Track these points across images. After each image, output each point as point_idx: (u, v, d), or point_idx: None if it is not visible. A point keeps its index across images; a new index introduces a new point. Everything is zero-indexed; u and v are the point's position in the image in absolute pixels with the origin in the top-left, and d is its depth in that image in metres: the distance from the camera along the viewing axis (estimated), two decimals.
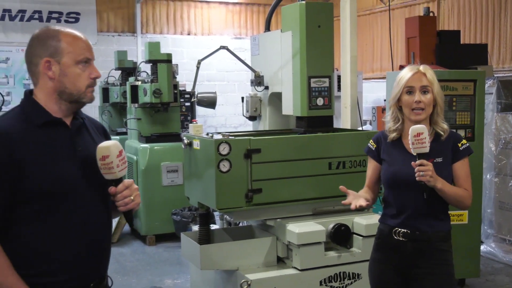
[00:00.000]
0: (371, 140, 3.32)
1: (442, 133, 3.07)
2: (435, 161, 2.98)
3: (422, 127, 2.90)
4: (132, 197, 2.38)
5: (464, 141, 3.10)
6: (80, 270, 2.33)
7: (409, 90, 3.05)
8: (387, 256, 3.13)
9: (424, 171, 2.85)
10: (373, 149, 3.27)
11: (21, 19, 11.29)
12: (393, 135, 3.15)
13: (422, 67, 3.10)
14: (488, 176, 6.80)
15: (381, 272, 3.17)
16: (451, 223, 3.20)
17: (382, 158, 3.21)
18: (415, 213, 3.04)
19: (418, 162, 2.88)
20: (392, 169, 3.12)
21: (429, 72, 3.09)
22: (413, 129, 2.90)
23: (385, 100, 8.04)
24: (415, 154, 2.92)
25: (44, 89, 2.32)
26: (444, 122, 3.12)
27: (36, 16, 11.37)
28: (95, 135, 2.49)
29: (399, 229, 3.06)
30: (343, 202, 3.16)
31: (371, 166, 3.30)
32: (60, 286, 2.28)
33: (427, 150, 2.89)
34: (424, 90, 3.03)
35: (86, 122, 2.48)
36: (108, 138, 2.56)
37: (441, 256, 3.03)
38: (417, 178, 2.88)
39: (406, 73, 3.09)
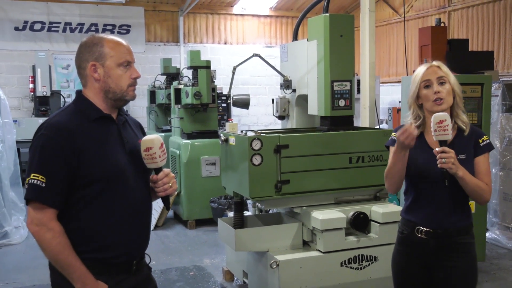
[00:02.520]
0: (393, 133, 2.94)
1: (463, 127, 2.79)
2: (458, 157, 2.69)
3: (444, 114, 2.63)
4: (170, 184, 2.41)
5: (485, 137, 2.82)
6: (127, 248, 2.35)
7: (426, 84, 2.78)
8: (411, 250, 2.89)
9: (446, 158, 2.59)
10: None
11: (80, 31, 11.46)
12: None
13: (435, 62, 2.85)
14: (493, 170, 6.69)
15: (405, 264, 2.94)
16: None
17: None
18: (437, 209, 2.79)
19: (440, 149, 2.61)
20: (414, 166, 2.81)
21: (443, 65, 2.83)
22: (436, 116, 2.62)
23: (400, 102, 7.95)
24: (436, 140, 2.65)
25: (92, 89, 2.35)
26: (465, 113, 2.83)
27: (93, 28, 11.54)
28: (136, 130, 2.54)
29: (422, 228, 2.82)
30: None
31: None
32: (110, 261, 2.31)
33: (449, 137, 2.63)
34: (441, 81, 2.77)
35: (128, 118, 2.52)
36: (144, 133, 2.59)
37: (464, 248, 2.81)
38: (438, 165, 2.61)
39: (421, 69, 2.84)
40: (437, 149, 2.64)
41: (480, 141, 2.80)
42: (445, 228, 2.79)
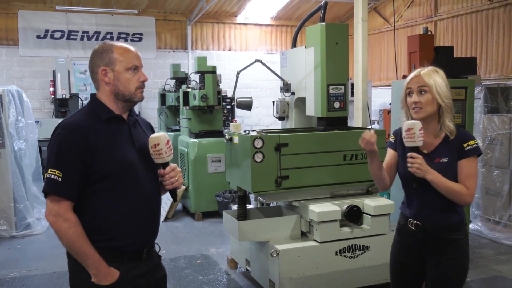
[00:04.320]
0: (391, 135, 2.97)
1: (449, 134, 2.70)
2: (441, 160, 2.68)
3: (412, 123, 2.60)
4: (176, 178, 2.40)
5: (472, 141, 2.68)
6: (137, 237, 2.34)
7: (409, 91, 2.73)
8: (405, 240, 2.87)
9: (413, 163, 2.60)
10: (393, 141, 2.93)
11: (97, 39, 11.44)
12: None
13: (424, 70, 2.73)
14: None
15: (400, 252, 2.92)
16: None
17: (397, 152, 2.91)
18: (425, 206, 2.75)
19: (409, 154, 2.63)
20: (402, 165, 2.82)
21: (427, 75, 2.70)
22: (405, 124, 2.63)
23: (390, 104, 7.93)
24: (407, 146, 2.66)
25: (103, 92, 2.36)
26: (451, 121, 2.71)
27: (108, 36, 11.52)
28: (145, 129, 2.53)
29: (412, 220, 2.80)
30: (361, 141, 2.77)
31: (389, 153, 2.94)
32: (121, 250, 2.30)
33: (417, 144, 2.61)
34: (421, 90, 2.68)
35: (138, 119, 2.51)
36: (154, 131, 2.57)
37: (454, 244, 2.72)
38: (408, 169, 2.64)
39: (410, 75, 2.78)
40: (408, 154, 2.64)
41: (465, 145, 2.68)
42: (433, 223, 2.75)
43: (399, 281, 2.96)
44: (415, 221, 2.79)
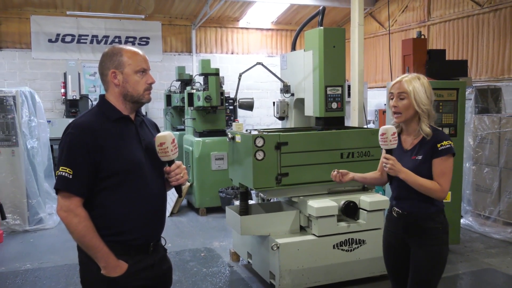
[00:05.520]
0: None
1: (426, 136, 2.77)
2: (416, 158, 2.76)
3: (386, 128, 2.71)
4: (181, 174, 2.40)
5: (445, 142, 2.73)
6: (144, 231, 2.34)
7: (391, 96, 2.85)
8: (391, 226, 2.97)
9: (386, 163, 2.72)
10: None
11: (105, 43, 11.46)
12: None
13: (406, 77, 2.82)
14: (467, 164, 6.67)
15: (387, 237, 3.01)
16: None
17: None
18: (405, 196, 2.83)
19: (383, 155, 2.76)
20: None
21: (408, 82, 2.79)
22: (381, 129, 2.74)
23: (385, 104, 7.93)
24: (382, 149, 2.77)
25: (112, 94, 2.35)
26: (428, 126, 2.78)
27: (117, 40, 11.53)
28: (151, 129, 2.53)
29: (395, 208, 2.91)
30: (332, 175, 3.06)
31: (383, 152, 2.95)
32: (129, 243, 2.30)
33: (390, 147, 2.71)
34: (400, 96, 2.78)
35: (144, 119, 2.51)
36: (159, 131, 2.57)
37: (427, 233, 2.77)
38: (384, 168, 2.77)
39: (393, 81, 2.87)
40: (382, 155, 2.78)
41: (438, 145, 2.73)
42: (412, 211, 2.83)
43: (391, 266, 3.02)
44: (396, 209, 2.90)
